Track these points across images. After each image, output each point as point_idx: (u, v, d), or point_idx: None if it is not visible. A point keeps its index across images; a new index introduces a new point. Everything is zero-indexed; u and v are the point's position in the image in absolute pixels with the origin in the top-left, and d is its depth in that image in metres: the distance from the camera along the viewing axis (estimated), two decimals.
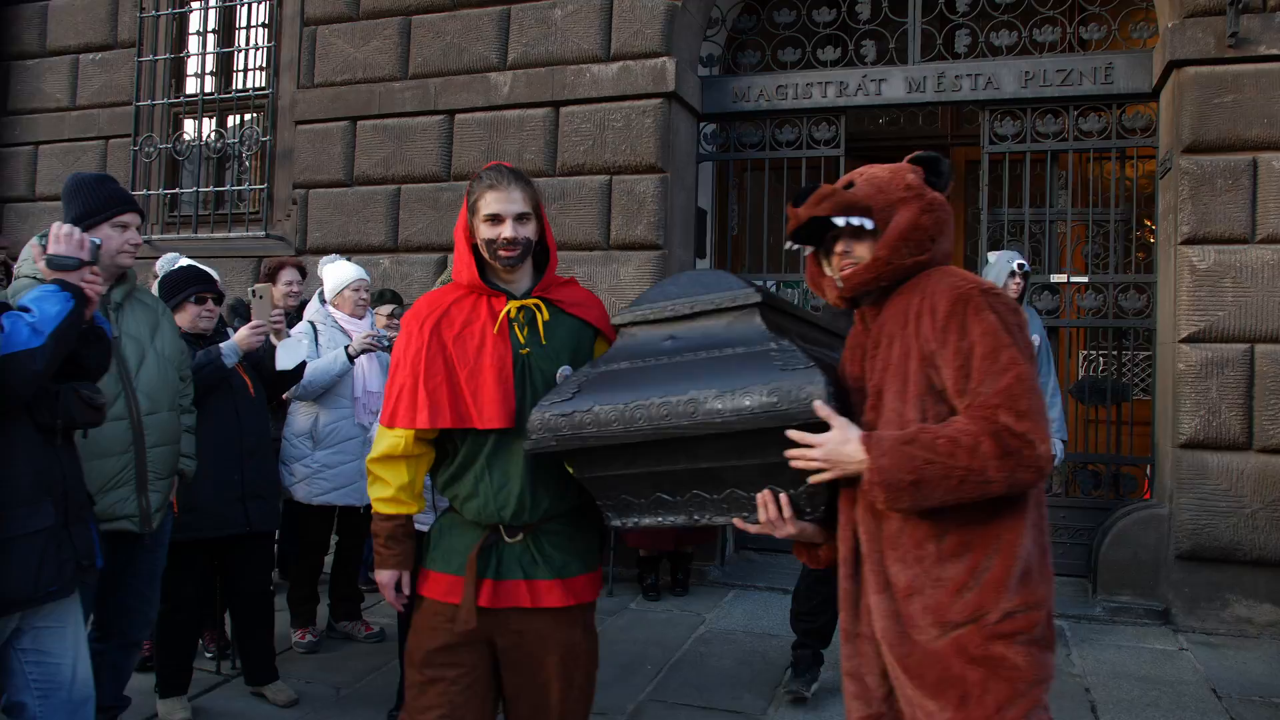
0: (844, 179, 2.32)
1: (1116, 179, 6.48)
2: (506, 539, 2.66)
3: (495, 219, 2.62)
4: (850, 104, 6.76)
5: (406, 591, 2.76)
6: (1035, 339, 4.74)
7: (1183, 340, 5.70)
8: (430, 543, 2.78)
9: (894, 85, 6.66)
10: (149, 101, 7.88)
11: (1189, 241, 5.71)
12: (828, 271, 2.35)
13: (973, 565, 2.05)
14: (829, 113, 6.81)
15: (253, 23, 7.91)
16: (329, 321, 4.91)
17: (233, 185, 7.85)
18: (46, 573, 2.72)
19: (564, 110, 6.81)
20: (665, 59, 6.54)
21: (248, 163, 8.02)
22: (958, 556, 2.06)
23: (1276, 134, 5.57)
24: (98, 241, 2.88)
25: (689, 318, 2.48)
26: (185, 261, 4.69)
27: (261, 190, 7.64)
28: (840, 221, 2.22)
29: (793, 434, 2.14)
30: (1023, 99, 6.40)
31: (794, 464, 2.15)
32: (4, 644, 2.77)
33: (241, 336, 4.12)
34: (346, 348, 4.71)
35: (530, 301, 2.71)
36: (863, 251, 2.25)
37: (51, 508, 2.76)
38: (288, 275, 5.44)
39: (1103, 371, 6.82)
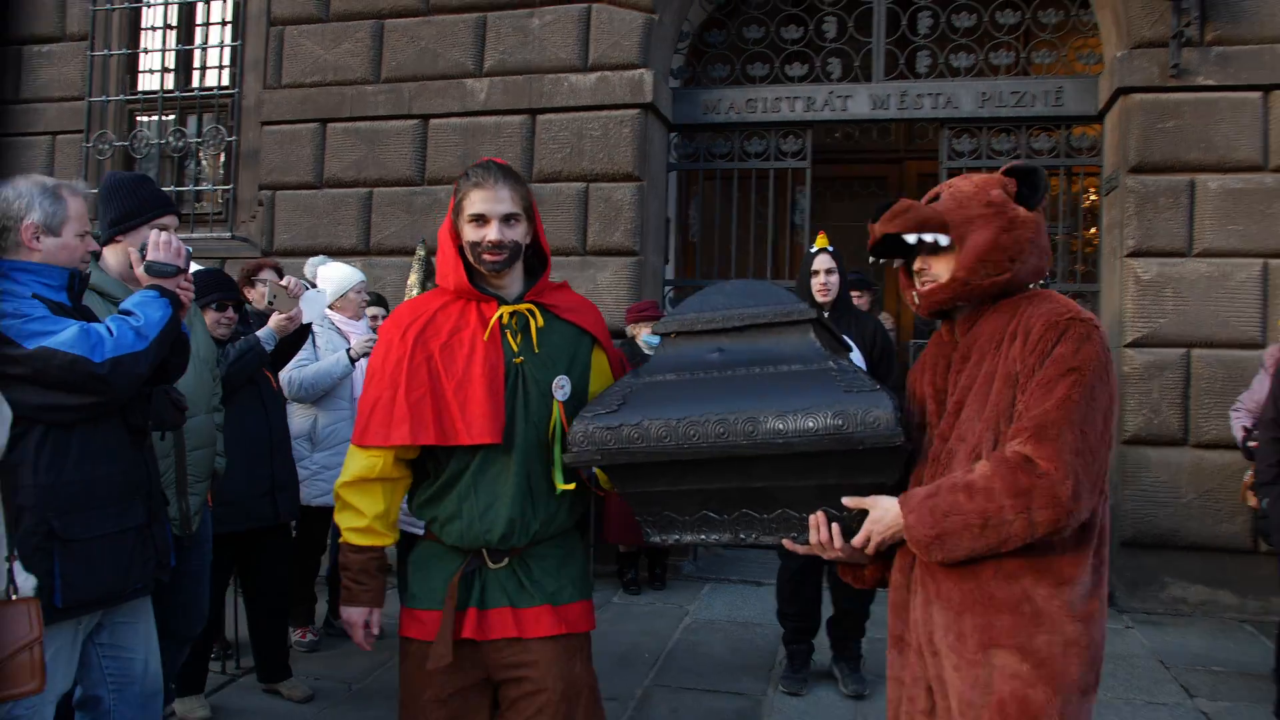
0: (931, 192, 2.30)
1: (1064, 195, 6.96)
2: (490, 564, 2.48)
3: (480, 220, 2.43)
4: (818, 118, 7.09)
5: (376, 631, 2.56)
6: None
7: (1127, 345, 6.19)
8: (409, 578, 2.58)
9: (859, 102, 7.01)
10: (103, 98, 7.70)
11: (1134, 254, 6.20)
12: (916, 284, 2.29)
13: (1024, 593, 2.02)
14: (796, 126, 7.12)
15: (212, 20, 7.81)
16: (326, 323, 4.97)
17: (195, 186, 7.73)
18: (135, 570, 2.79)
19: (541, 118, 6.95)
20: (643, 71, 6.75)
21: (204, 163, 7.92)
22: (1013, 579, 2.02)
23: (1212, 158, 6.09)
24: (190, 250, 2.96)
25: (740, 330, 2.39)
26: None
27: (225, 191, 7.55)
28: (912, 239, 2.19)
29: (851, 504, 2.15)
30: (980, 118, 6.83)
31: (849, 503, 2.16)
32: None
33: (276, 322, 4.19)
34: (348, 350, 4.79)
35: (523, 307, 2.52)
36: (940, 268, 2.20)
37: (141, 506, 2.83)
38: (265, 275, 5.48)
39: None
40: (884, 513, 2.10)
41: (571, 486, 2.46)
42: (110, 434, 2.74)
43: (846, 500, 2.16)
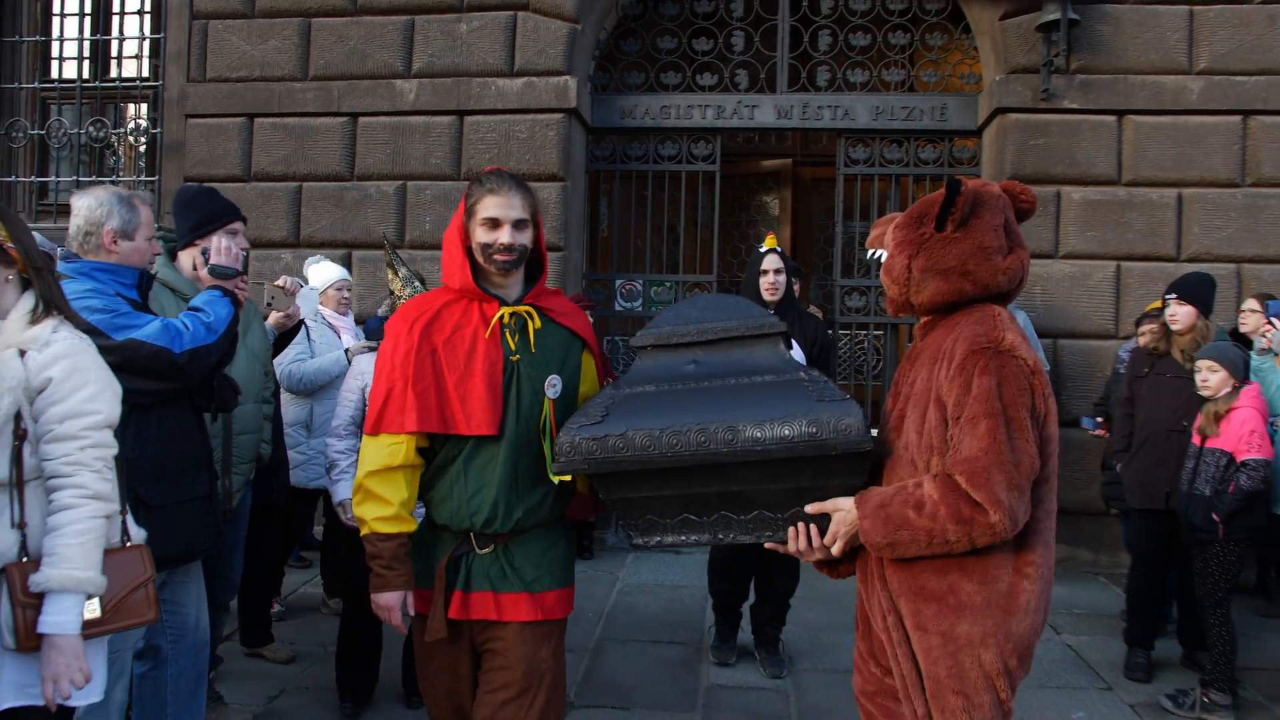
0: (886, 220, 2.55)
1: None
2: (477, 549, 2.62)
3: (494, 223, 2.57)
4: (727, 126, 7.65)
5: (412, 613, 2.68)
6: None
7: None
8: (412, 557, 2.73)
9: (765, 111, 7.60)
10: (16, 85, 7.65)
11: None
12: None
13: (953, 586, 2.23)
14: (707, 132, 7.68)
15: (128, 9, 7.82)
16: (319, 318, 5.27)
17: (122, 177, 7.75)
18: (200, 534, 3.17)
19: (469, 119, 7.29)
20: (567, 78, 7.17)
21: (120, 153, 7.94)
22: (943, 574, 2.24)
23: (1075, 172, 6.92)
24: (247, 253, 3.31)
25: (713, 343, 2.52)
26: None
27: (150, 181, 7.62)
28: (868, 254, 2.51)
29: (811, 509, 2.33)
30: (873, 129, 7.51)
31: (811, 509, 2.34)
32: None
33: (275, 319, 4.49)
34: (346, 350, 5.10)
35: (523, 309, 2.66)
36: None
37: (205, 479, 3.19)
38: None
39: None
40: (846, 514, 2.30)
41: (568, 478, 2.53)
42: (181, 415, 3.10)
43: (809, 507, 2.34)
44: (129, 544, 2.53)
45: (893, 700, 2.42)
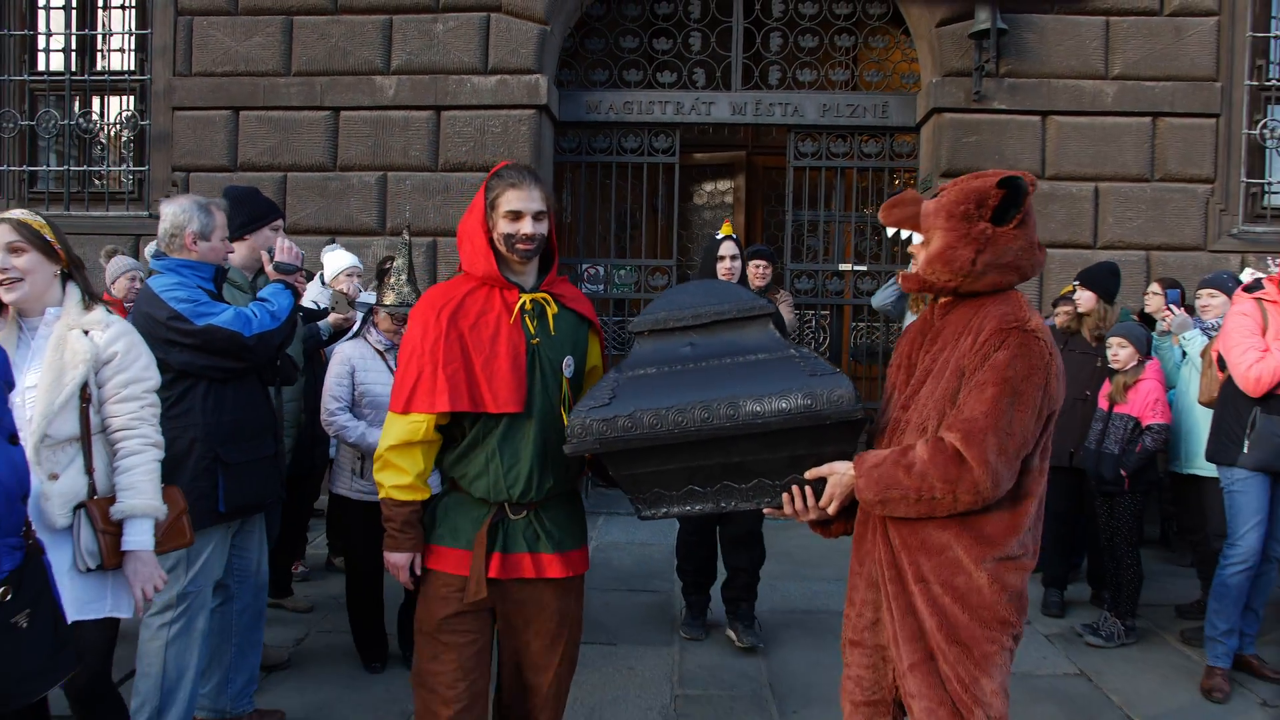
0: (939, 188, 2.53)
1: (887, 191, 8.39)
2: (511, 516, 2.79)
3: (516, 215, 2.71)
4: (685, 121, 8.24)
5: (419, 572, 2.84)
6: None
7: None
8: (436, 520, 2.86)
9: (721, 108, 8.20)
10: (6, 76, 7.96)
11: None
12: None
13: (953, 541, 2.36)
14: (667, 127, 8.25)
15: (113, 4, 8.16)
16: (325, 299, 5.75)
17: (115, 166, 8.11)
18: (266, 489, 3.72)
19: (446, 114, 7.77)
20: (538, 76, 7.69)
21: (105, 143, 8.29)
22: (944, 528, 2.37)
23: (1003, 167, 7.57)
24: (304, 254, 3.84)
25: (707, 326, 2.64)
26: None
27: (138, 171, 8.00)
28: (890, 232, 2.53)
29: (811, 475, 2.47)
30: (821, 125, 8.15)
31: (810, 474, 2.48)
32: None
33: (335, 319, 4.99)
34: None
35: (540, 295, 2.82)
36: (919, 257, 2.49)
37: (270, 441, 3.74)
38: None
39: (874, 338, 8.73)
40: (841, 475, 2.44)
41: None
42: (251, 387, 3.64)
43: (810, 472, 2.49)
44: (165, 485, 3.07)
45: (877, 715, 2.59)
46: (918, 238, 2.45)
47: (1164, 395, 5.22)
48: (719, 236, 5.15)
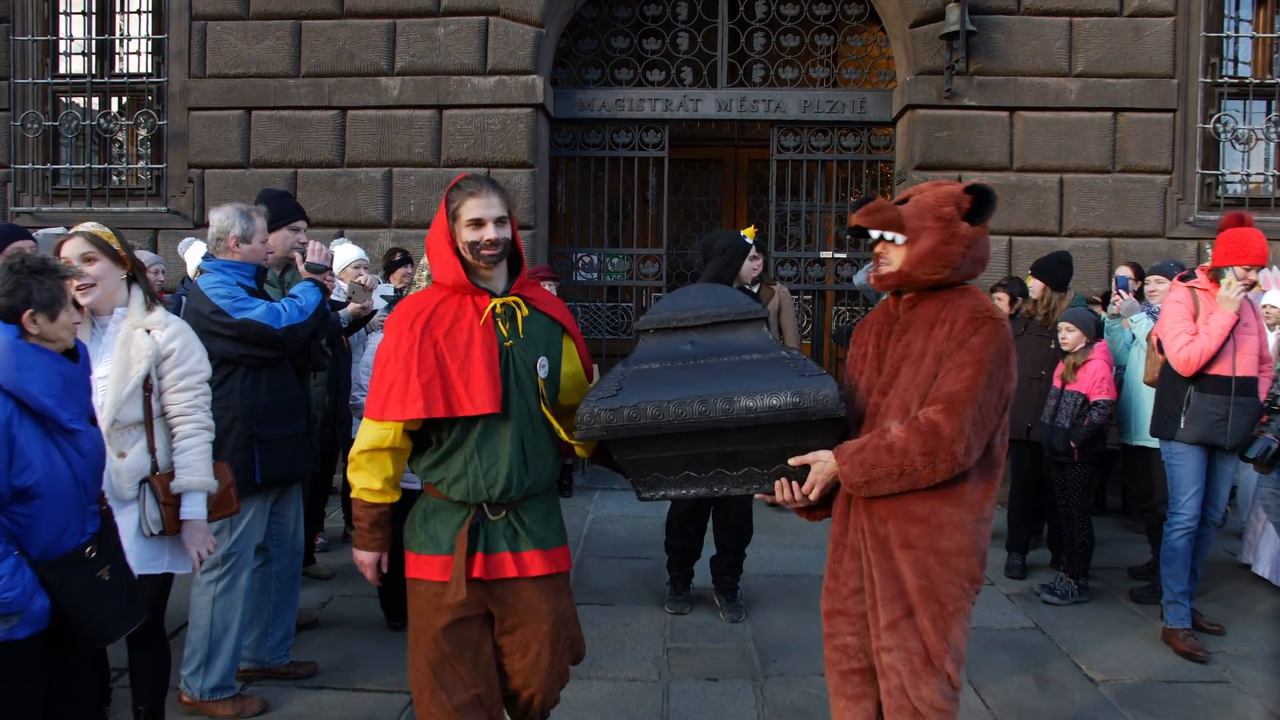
0: (901, 195, 2.79)
1: (865, 182, 8.86)
2: (491, 516, 2.85)
3: (478, 223, 2.79)
4: (674, 117, 8.69)
5: (385, 569, 3.00)
6: None
7: None
8: (414, 528, 2.93)
9: (707, 104, 8.65)
10: (30, 80, 8.38)
11: None
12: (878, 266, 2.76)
13: (935, 509, 2.62)
14: (656, 123, 8.71)
15: (129, 9, 8.57)
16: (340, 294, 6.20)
17: (133, 164, 8.55)
18: (299, 463, 4.21)
19: (448, 113, 8.21)
20: (535, 76, 8.13)
21: (123, 142, 8.71)
22: (926, 499, 2.62)
23: (973, 160, 8.08)
24: (333, 253, 4.30)
25: (706, 327, 2.85)
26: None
27: (155, 168, 8.43)
28: (874, 234, 2.70)
29: (794, 463, 2.70)
30: (802, 120, 8.61)
31: (793, 462, 2.70)
32: None
33: (354, 309, 5.39)
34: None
35: (510, 299, 2.90)
36: (894, 258, 2.69)
37: (303, 421, 4.22)
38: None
39: (854, 321, 9.19)
40: (824, 464, 2.67)
41: (592, 444, 3.00)
42: (285, 372, 4.12)
43: (793, 460, 2.71)
44: (215, 462, 3.56)
45: (865, 682, 2.83)
46: (900, 238, 2.65)
47: (1110, 374, 5.70)
48: (746, 240, 5.57)
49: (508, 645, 2.94)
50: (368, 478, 2.86)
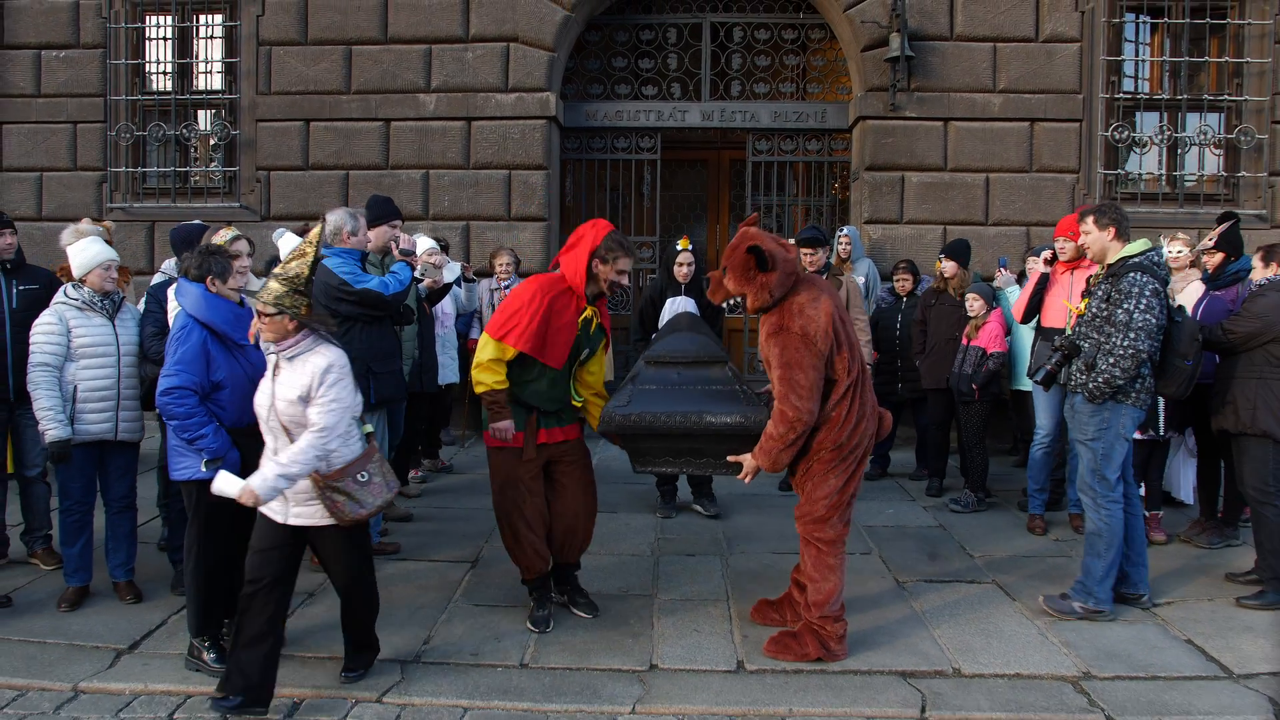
0: (716, 273, 4.41)
1: (826, 181, 10.47)
2: (543, 410, 4.82)
3: (622, 273, 4.67)
4: (665, 126, 10.30)
5: (516, 430, 4.74)
6: (861, 279, 8.29)
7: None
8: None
9: (693, 115, 10.26)
10: (123, 96, 9.96)
11: (869, 221, 9.75)
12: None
13: (818, 440, 4.30)
14: (650, 131, 10.31)
15: (205, 35, 10.13)
16: (459, 282, 7.95)
17: (208, 167, 10.15)
18: (396, 391, 5.83)
19: (476, 124, 9.80)
20: (548, 93, 9.72)
21: (195, 148, 10.29)
22: (813, 434, 4.29)
23: (914, 162, 9.67)
24: (416, 240, 5.94)
25: (689, 364, 4.56)
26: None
27: (229, 171, 10.03)
28: (724, 305, 5.10)
29: (731, 459, 4.39)
30: (774, 129, 10.22)
31: (730, 459, 4.39)
32: None
33: (427, 283, 6.93)
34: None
35: (589, 310, 4.77)
36: (747, 298, 4.32)
37: (399, 361, 5.83)
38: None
39: None
40: (749, 459, 4.34)
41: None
42: (385, 326, 5.73)
43: (730, 458, 4.38)
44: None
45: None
46: (739, 297, 4.33)
47: (1003, 333, 7.32)
48: (678, 248, 6.83)
49: (561, 480, 4.85)
50: (494, 375, 4.60)
